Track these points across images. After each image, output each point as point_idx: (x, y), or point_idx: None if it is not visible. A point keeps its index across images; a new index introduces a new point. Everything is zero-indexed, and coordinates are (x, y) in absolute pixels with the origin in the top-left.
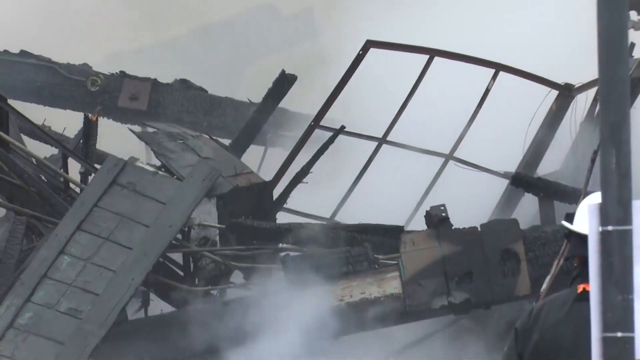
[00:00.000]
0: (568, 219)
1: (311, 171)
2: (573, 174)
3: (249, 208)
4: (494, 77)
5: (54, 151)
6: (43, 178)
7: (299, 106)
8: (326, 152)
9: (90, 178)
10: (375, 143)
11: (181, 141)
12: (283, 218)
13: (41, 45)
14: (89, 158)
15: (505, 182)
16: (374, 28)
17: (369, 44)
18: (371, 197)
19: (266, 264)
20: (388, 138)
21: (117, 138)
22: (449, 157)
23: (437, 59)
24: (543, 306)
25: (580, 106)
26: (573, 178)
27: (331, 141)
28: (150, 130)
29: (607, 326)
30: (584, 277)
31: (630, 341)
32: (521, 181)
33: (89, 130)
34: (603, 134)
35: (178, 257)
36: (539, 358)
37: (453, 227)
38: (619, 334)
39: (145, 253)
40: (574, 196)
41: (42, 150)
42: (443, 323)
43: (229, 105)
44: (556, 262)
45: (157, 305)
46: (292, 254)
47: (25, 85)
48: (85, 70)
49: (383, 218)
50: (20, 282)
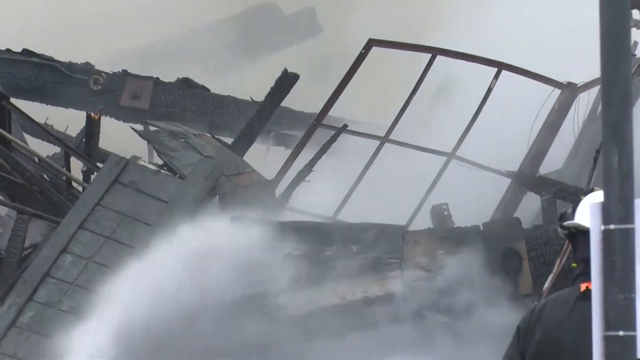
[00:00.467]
0: (562, 219)
1: (313, 170)
2: (575, 173)
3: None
4: (497, 76)
5: (56, 150)
6: (45, 177)
7: (301, 105)
8: (328, 151)
9: (92, 177)
10: (377, 142)
11: (183, 140)
12: (284, 217)
13: (43, 44)
14: (91, 157)
15: (507, 181)
16: (377, 26)
17: (372, 43)
18: (373, 196)
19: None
20: (390, 137)
21: (120, 137)
22: (452, 156)
23: (439, 58)
24: (545, 305)
25: (582, 105)
26: (575, 177)
27: (333, 140)
28: (152, 128)
29: (609, 325)
30: (587, 276)
31: (632, 340)
32: (524, 180)
33: (91, 129)
34: (605, 133)
35: None
36: (541, 357)
37: (455, 226)
38: (621, 333)
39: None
40: (577, 195)
41: (45, 149)
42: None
43: (231, 104)
44: (558, 261)
45: None
46: (294, 253)
47: (27, 84)
48: (87, 69)
49: (385, 217)
50: (22, 281)
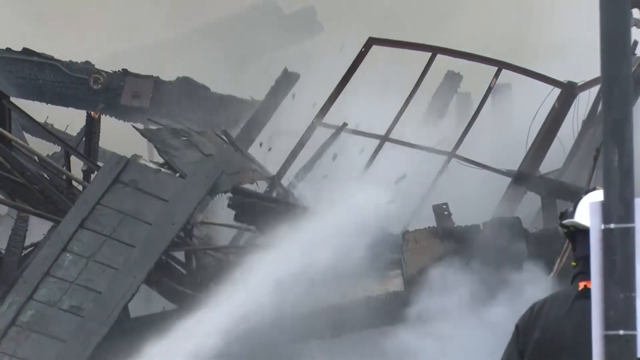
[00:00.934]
0: (562, 217)
1: (313, 168)
2: (576, 172)
3: None
4: (497, 75)
5: (57, 149)
6: (45, 176)
7: (301, 104)
8: (328, 150)
9: (92, 176)
10: (377, 141)
11: (185, 137)
12: None
13: (44, 43)
14: (92, 156)
15: (507, 180)
16: (377, 26)
17: (372, 41)
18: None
19: None
20: (390, 136)
21: (120, 136)
22: (452, 155)
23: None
24: (544, 303)
25: (582, 104)
26: (575, 176)
27: (333, 138)
28: (153, 127)
29: (609, 324)
30: (586, 275)
31: (632, 339)
32: (524, 179)
33: (92, 128)
34: (605, 132)
35: (180, 255)
36: (540, 355)
37: (455, 225)
38: (621, 332)
39: (147, 251)
40: (577, 194)
41: (45, 148)
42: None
43: (232, 103)
44: (558, 260)
45: (160, 302)
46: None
47: (27, 83)
48: (87, 68)
49: (385, 216)
50: (22, 280)
